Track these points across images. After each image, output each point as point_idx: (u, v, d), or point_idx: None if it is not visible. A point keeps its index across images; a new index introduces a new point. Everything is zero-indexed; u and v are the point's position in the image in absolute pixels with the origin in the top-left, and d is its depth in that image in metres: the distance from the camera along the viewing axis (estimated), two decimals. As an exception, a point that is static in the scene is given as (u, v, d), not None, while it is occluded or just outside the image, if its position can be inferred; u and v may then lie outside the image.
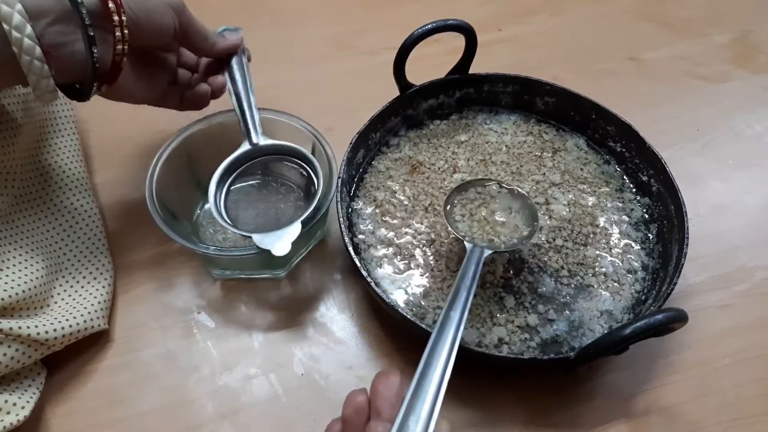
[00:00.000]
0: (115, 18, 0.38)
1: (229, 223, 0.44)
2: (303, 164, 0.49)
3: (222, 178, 0.47)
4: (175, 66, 0.49)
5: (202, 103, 0.50)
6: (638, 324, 0.34)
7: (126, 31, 0.38)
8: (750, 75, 0.68)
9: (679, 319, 0.35)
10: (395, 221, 0.49)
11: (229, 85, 0.49)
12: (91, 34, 0.36)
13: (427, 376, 0.32)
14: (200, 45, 0.47)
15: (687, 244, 0.44)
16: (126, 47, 0.39)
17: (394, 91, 0.54)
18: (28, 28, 0.34)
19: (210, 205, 0.45)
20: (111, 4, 0.37)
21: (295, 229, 0.42)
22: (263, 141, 0.48)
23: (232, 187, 0.48)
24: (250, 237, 0.42)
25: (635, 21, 0.75)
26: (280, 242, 0.41)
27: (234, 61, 0.49)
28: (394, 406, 0.31)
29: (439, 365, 0.32)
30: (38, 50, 0.35)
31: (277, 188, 0.51)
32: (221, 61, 0.50)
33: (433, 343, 0.34)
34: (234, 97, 0.49)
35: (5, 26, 0.34)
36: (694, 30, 0.74)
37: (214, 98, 0.50)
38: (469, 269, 0.40)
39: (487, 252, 0.42)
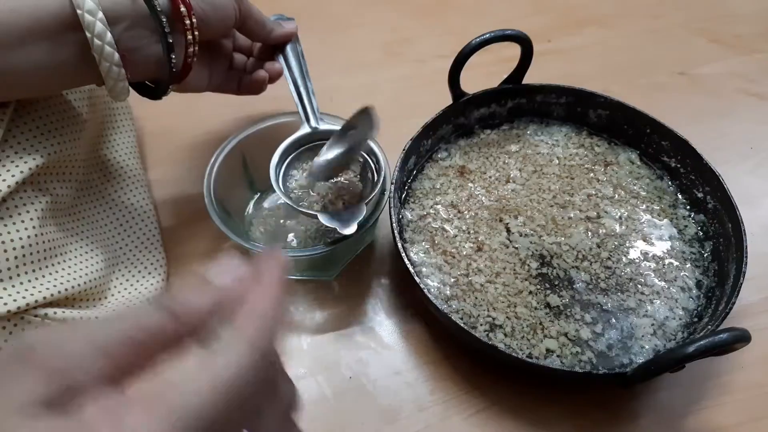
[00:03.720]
0: (187, 21, 0.39)
1: (295, 203, 0.45)
2: (361, 151, 0.49)
3: (280, 159, 0.47)
4: (231, 51, 0.50)
5: (261, 88, 0.51)
6: (702, 342, 0.34)
7: (197, 33, 0.39)
8: (806, 93, 0.67)
9: (743, 338, 0.34)
10: (445, 228, 0.50)
11: (285, 71, 0.50)
12: (170, 41, 0.37)
13: None
14: (258, 32, 0.48)
15: (746, 264, 0.43)
16: (197, 48, 0.40)
17: (443, 99, 0.54)
18: (108, 36, 0.35)
19: (273, 183, 0.45)
20: (182, 8, 0.38)
21: (360, 211, 0.43)
22: (322, 125, 0.49)
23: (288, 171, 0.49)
24: (316, 216, 0.42)
25: (685, 36, 0.75)
26: (347, 222, 0.42)
27: (289, 48, 0.51)
28: None
29: None
30: (116, 56, 0.36)
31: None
32: (275, 47, 0.51)
33: None
34: (291, 84, 0.50)
35: (88, 34, 0.35)
36: (747, 46, 0.72)
37: (271, 83, 0.51)
38: None
39: None
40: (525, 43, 0.51)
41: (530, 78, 0.55)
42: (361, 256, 0.51)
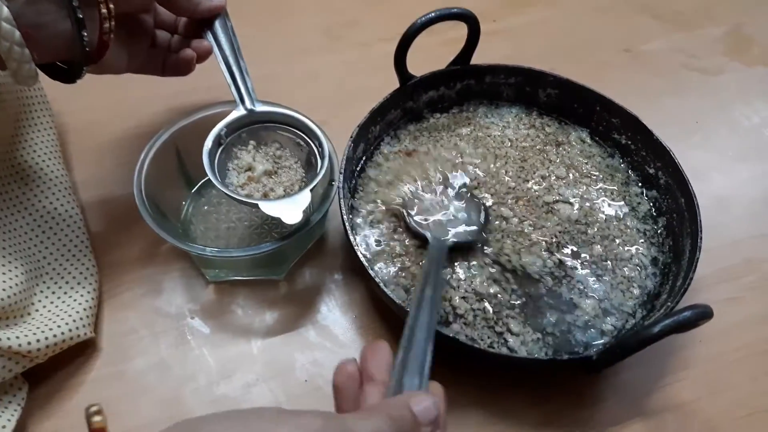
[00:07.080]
0: None
1: (234, 193, 0.41)
2: (302, 134, 0.46)
3: (213, 145, 0.43)
4: (153, 27, 0.46)
5: (187, 68, 0.47)
6: (666, 322, 0.33)
7: (112, 6, 0.35)
8: (745, 67, 0.68)
9: (705, 315, 0.34)
10: (397, 216, 0.47)
11: (215, 49, 0.46)
12: (81, 16, 0.33)
13: (414, 342, 0.33)
14: (182, 5, 0.44)
15: (701, 238, 0.43)
16: (113, 23, 0.36)
17: (390, 84, 0.51)
18: (5, 11, 0.31)
19: (207, 171, 0.41)
20: None
21: (304, 198, 0.40)
22: (259, 107, 0.45)
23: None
24: (257, 205, 0.40)
25: (628, 13, 0.75)
26: (290, 210, 0.39)
27: (218, 24, 0.46)
28: (386, 371, 0.31)
29: (423, 330, 0.33)
30: (17, 34, 0.32)
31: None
32: (202, 22, 0.47)
33: (415, 314, 0.35)
34: (222, 63, 0.46)
35: None
36: (688, 22, 0.73)
37: (199, 63, 0.47)
38: (432, 258, 0.42)
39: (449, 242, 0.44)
40: (471, 22, 0.49)
41: (477, 59, 0.53)
42: (312, 251, 0.49)
